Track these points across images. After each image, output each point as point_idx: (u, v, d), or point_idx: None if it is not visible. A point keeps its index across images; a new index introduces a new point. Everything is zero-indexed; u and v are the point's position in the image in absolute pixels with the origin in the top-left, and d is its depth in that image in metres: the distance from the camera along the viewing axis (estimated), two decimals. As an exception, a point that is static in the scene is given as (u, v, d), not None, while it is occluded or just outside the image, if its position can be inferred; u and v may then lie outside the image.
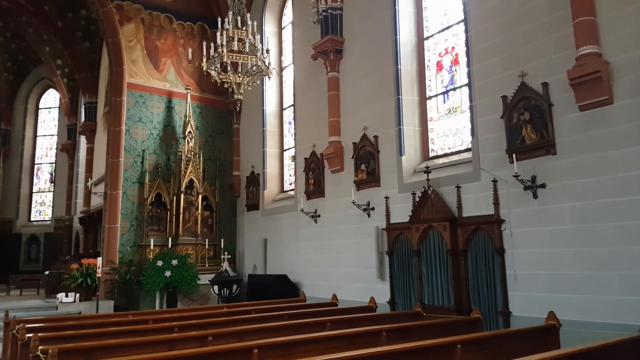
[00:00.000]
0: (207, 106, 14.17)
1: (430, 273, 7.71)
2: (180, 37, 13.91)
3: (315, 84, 11.01)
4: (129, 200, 12.54)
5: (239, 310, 7.63)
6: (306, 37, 11.33)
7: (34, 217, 21.25)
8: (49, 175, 21.57)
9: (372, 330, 5.21)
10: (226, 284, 11.48)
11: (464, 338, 4.75)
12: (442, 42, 8.93)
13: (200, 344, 5.11)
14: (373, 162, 9.22)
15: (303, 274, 11.00)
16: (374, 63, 9.51)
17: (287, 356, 4.54)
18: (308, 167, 11.09)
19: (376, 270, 8.87)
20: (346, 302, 8.39)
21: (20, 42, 20.04)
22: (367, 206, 9.22)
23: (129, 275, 11.73)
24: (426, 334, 5.36)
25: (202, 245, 12.97)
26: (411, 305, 7.91)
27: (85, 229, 17.13)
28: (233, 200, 14.16)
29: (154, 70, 13.36)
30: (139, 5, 13.34)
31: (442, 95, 8.82)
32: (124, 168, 12.55)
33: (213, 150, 14.07)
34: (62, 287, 12.04)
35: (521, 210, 6.74)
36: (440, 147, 8.74)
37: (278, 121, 13.38)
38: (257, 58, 7.90)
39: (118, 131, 12.62)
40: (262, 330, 5.59)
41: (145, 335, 5.61)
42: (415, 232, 7.90)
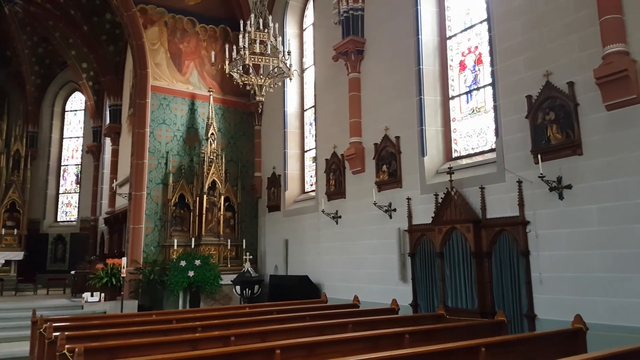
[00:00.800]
0: (229, 108, 14.30)
1: (453, 275, 7.62)
2: (202, 40, 14.07)
3: (336, 85, 11.00)
4: (153, 201, 12.73)
5: (261, 311, 7.66)
6: (327, 39, 11.34)
7: (61, 217, 21.60)
8: (74, 177, 21.94)
9: (395, 333, 5.18)
10: (248, 285, 11.55)
11: (489, 341, 4.69)
12: (465, 41, 8.83)
13: (223, 344, 5.14)
14: (394, 163, 9.16)
15: (324, 275, 10.99)
16: (395, 63, 9.46)
17: (310, 357, 4.54)
18: (329, 168, 11.09)
19: (398, 272, 8.82)
20: (368, 303, 8.36)
21: (47, 46, 20.46)
22: (388, 207, 9.17)
23: (153, 275, 11.90)
24: (450, 337, 5.31)
25: (225, 246, 13.08)
26: (434, 308, 7.84)
27: (110, 229, 17.42)
28: (254, 201, 14.25)
29: (177, 73, 13.54)
30: (162, 8, 13.53)
31: (465, 95, 8.73)
32: (148, 169, 12.75)
33: (235, 152, 14.19)
34: (87, 287, 12.28)
35: (547, 211, 6.62)
36: (463, 147, 8.64)
37: (299, 122, 13.42)
38: (279, 60, 7.94)
39: (142, 133, 12.82)
40: (284, 331, 5.60)
41: (169, 334, 5.67)
42: (438, 233, 7.82)
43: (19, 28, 19.40)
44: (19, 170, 19.65)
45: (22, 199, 19.34)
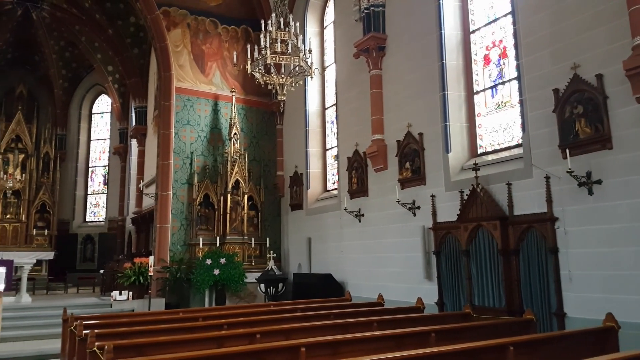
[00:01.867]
0: (252, 108, 14.39)
1: (480, 273, 7.51)
2: (225, 41, 14.18)
3: (358, 82, 10.95)
4: (178, 201, 12.91)
5: (286, 309, 7.69)
6: (348, 36, 11.30)
7: (89, 218, 22.08)
8: (102, 178, 22.40)
9: (421, 331, 5.13)
10: (272, 283, 11.62)
11: (517, 340, 4.62)
12: (489, 35, 8.69)
13: (249, 342, 5.18)
14: (418, 160, 9.07)
15: (348, 273, 10.97)
16: (418, 59, 9.36)
17: (335, 355, 4.53)
18: (351, 166, 11.05)
19: (423, 271, 8.73)
20: (392, 302, 8.30)
21: (73, 50, 20.92)
22: (412, 205, 9.09)
23: (180, 274, 12.06)
24: (476, 336, 5.23)
25: (249, 244, 13.18)
26: (460, 307, 7.74)
27: (137, 228, 17.74)
28: (277, 199, 14.32)
29: (200, 74, 13.68)
30: (184, 10, 13.68)
31: (490, 90, 8.58)
32: (173, 170, 12.93)
33: (257, 151, 14.27)
34: (116, 286, 12.53)
35: (576, 207, 6.46)
36: (489, 143, 8.50)
37: (320, 121, 13.42)
38: (300, 58, 7.94)
39: (167, 134, 13.01)
40: (308, 329, 5.61)
41: (195, 332, 5.73)
42: (463, 231, 7.71)
43: (46, 33, 19.91)
44: (49, 172, 20.20)
45: (52, 200, 19.88)
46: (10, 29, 19.42)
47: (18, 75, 20.92)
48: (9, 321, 9.70)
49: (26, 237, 19.03)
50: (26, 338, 9.70)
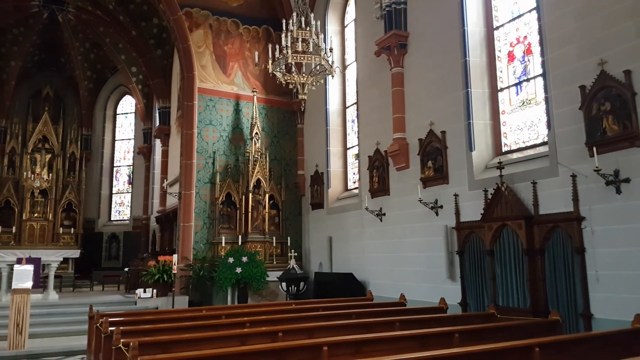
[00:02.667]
0: (273, 107, 14.45)
1: (504, 273, 7.40)
2: (246, 41, 14.27)
3: (379, 80, 10.90)
4: (201, 200, 13.06)
5: (307, 308, 7.70)
6: (369, 34, 11.25)
7: (114, 217, 22.47)
8: (127, 177, 22.77)
9: (444, 332, 5.09)
10: (294, 281, 11.66)
11: (543, 341, 4.54)
12: (513, 31, 8.55)
13: (271, 340, 5.20)
14: (440, 159, 8.97)
15: (369, 273, 10.93)
16: (440, 56, 9.26)
17: (357, 354, 4.52)
18: (372, 165, 11.00)
19: (446, 271, 8.64)
20: (414, 302, 8.24)
21: (98, 52, 21.32)
22: (434, 204, 9.00)
23: (203, 272, 12.20)
24: (501, 336, 5.16)
25: (270, 243, 13.25)
26: (484, 307, 7.64)
27: (161, 227, 17.99)
28: (298, 198, 14.35)
29: (222, 75, 13.80)
30: (206, 11, 13.81)
31: (514, 87, 8.44)
32: (196, 169, 13.08)
33: (278, 150, 14.33)
34: (140, 283, 12.73)
35: (603, 206, 6.31)
36: (513, 141, 8.36)
37: (341, 120, 13.40)
38: (321, 57, 7.93)
39: (190, 134, 13.16)
40: (330, 328, 5.61)
41: (219, 329, 5.77)
42: (487, 230, 7.61)
43: (72, 35, 20.34)
44: (75, 172, 20.66)
45: (77, 199, 20.32)
46: (37, 31, 19.92)
47: (45, 77, 21.40)
48: (37, 318, 9.95)
49: (53, 235, 19.49)
50: (54, 334, 9.93)
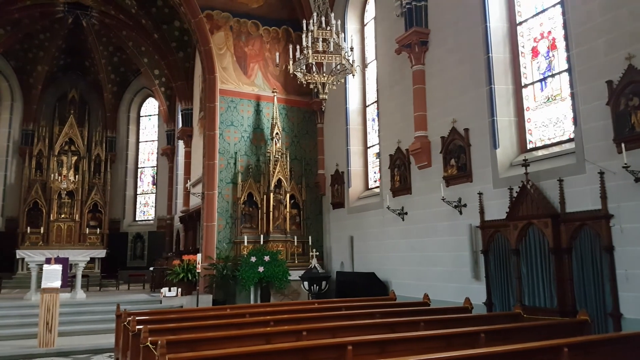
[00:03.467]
0: (293, 107, 14.51)
1: (530, 273, 7.29)
2: (266, 42, 14.35)
3: (400, 78, 10.83)
4: (224, 200, 13.19)
5: (330, 307, 7.70)
6: (389, 32, 11.19)
7: (139, 217, 22.82)
8: (151, 178, 23.11)
9: (470, 332, 5.02)
10: (316, 281, 11.69)
11: (572, 341, 4.45)
12: (537, 26, 8.40)
13: (296, 339, 5.21)
14: (464, 157, 8.87)
15: (391, 272, 10.87)
16: (462, 53, 9.16)
17: (382, 354, 4.49)
18: (393, 164, 10.95)
19: (470, 270, 8.55)
20: (438, 302, 8.16)
21: (121, 55, 21.71)
22: (458, 203, 8.90)
23: (226, 271, 12.33)
24: (528, 337, 5.08)
25: (291, 242, 13.31)
26: (509, 307, 7.54)
27: (185, 227, 18.22)
28: (319, 198, 14.37)
29: (243, 76, 13.92)
30: (227, 13, 13.94)
31: (539, 83, 8.29)
32: (218, 169, 13.22)
33: (299, 150, 14.38)
34: (165, 282, 12.93)
35: (632, 204, 6.16)
36: (539, 138, 8.21)
37: (361, 118, 13.37)
38: (342, 57, 7.92)
39: (213, 135, 13.31)
40: (354, 327, 5.59)
41: (243, 328, 5.81)
42: (513, 229, 7.49)
43: (95, 39, 20.75)
44: (100, 173, 21.09)
45: (103, 200, 20.73)
46: (62, 36, 20.39)
47: (70, 81, 21.87)
48: (65, 316, 10.18)
49: (79, 235, 19.93)
50: (82, 332, 10.18)
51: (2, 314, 10.66)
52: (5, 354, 8.54)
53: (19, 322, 10.31)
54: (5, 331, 9.83)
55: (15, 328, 10.03)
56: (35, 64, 20.86)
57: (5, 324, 10.18)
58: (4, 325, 10.14)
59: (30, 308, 10.76)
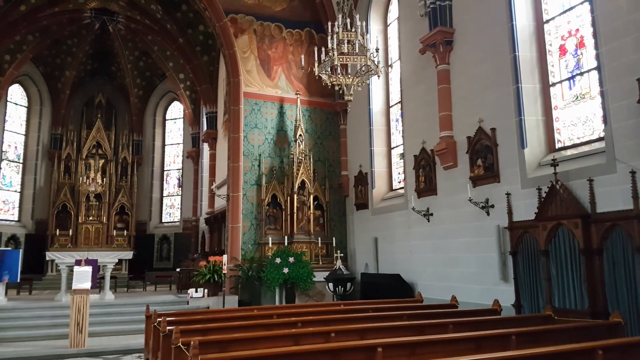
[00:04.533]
0: (316, 109, 14.56)
1: (560, 274, 7.16)
2: (289, 45, 14.44)
3: (424, 78, 10.77)
4: (248, 202, 13.31)
5: (357, 309, 7.69)
6: (413, 32, 11.14)
7: (165, 219, 23.15)
8: (176, 180, 23.43)
9: (501, 334, 4.97)
10: (341, 282, 11.69)
11: (606, 344, 4.37)
12: (565, 24, 8.26)
13: (324, 340, 5.22)
14: (491, 157, 8.76)
15: (417, 274, 10.81)
16: (488, 52, 9.06)
17: (412, 356, 4.49)
18: (418, 165, 10.89)
19: (498, 272, 8.44)
20: (465, 304, 8.07)
21: (147, 60, 22.09)
22: (485, 203, 8.80)
23: (251, 272, 12.43)
24: (559, 339, 5.01)
25: (315, 244, 13.35)
26: (539, 309, 7.42)
27: (210, 228, 18.44)
28: (342, 199, 14.38)
29: (266, 79, 14.04)
30: (251, 16, 14.09)
31: (567, 81, 8.15)
32: (243, 171, 13.35)
33: (322, 152, 14.42)
34: (191, 283, 13.09)
35: (667, 204, 6.01)
36: (567, 137, 8.06)
37: (385, 119, 13.33)
38: (367, 58, 7.92)
39: (237, 137, 13.45)
40: (382, 329, 5.58)
41: (272, 329, 5.84)
42: (542, 230, 7.37)
43: (122, 44, 21.17)
44: (127, 176, 21.50)
45: (130, 203, 21.12)
46: (89, 42, 20.88)
47: (97, 86, 22.35)
48: (95, 317, 10.35)
49: (107, 237, 20.35)
50: (111, 333, 10.35)
51: (35, 315, 10.92)
52: (38, 354, 8.74)
53: (51, 322, 10.53)
54: (38, 331, 10.06)
55: (47, 329, 10.24)
56: (63, 69, 21.38)
57: (37, 324, 10.42)
58: (36, 325, 10.38)
59: (61, 309, 11.00)
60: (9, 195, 20.32)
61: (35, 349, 9.00)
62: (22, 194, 20.67)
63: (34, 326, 10.34)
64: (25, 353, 8.71)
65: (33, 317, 10.80)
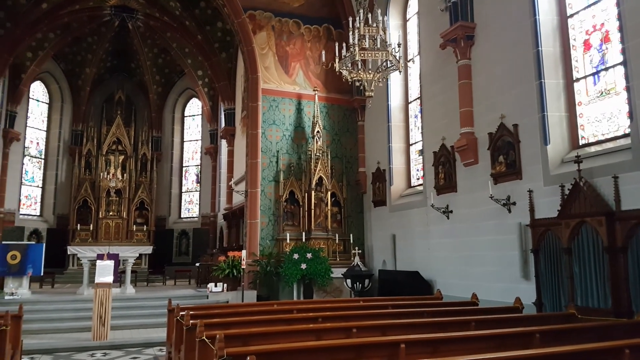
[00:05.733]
0: (333, 105, 14.55)
1: (583, 272, 7.06)
2: (307, 41, 14.44)
3: (444, 74, 10.68)
4: (266, 198, 13.38)
5: (376, 305, 7.67)
6: (433, 26, 11.05)
7: (184, 214, 23.36)
8: (195, 177, 23.62)
9: (524, 332, 4.92)
10: (359, 278, 11.70)
11: (634, 342, 4.28)
12: (589, 18, 8.11)
13: (345, 335, 5.22)
14: (513, 153, 8.65)
15: (436, 272, 10.75)
16: (510, 46, 8.94)
17: (435, 354, 4.46)
18: (437, 161, 10.81)
19: (520, 270, 8.35)
20: (486, 302, 7.97)
21: (165, 57, 22.27)
22: (507, 201, 8.70)
23: (269, 267, 12.51)
24: (583, 338, 4.93)
25: (333, 240, 13.37)
26: (560, 307, 7.33)
27: (228, 224, 18.58)
28: (360, 196, 14.36)
29: (284, 75, 14.06)
30: (269, 13, 14.12)
31: (592, 77, 8.00)
32: (261, 168, 13.42)
33: (339, 148, 14.42)
34: (211, 278, 13.22)
35: (696, 202, 5.88)
36: (591, 133, 7.93)
37: (403, 115, 13.25)
38: (389, 53, 7.88)
39: (255, 134, 13.51)
40: (403, 326, 5.55)
41: (292, 324, 5.85)
42: (565, 228, 7.26)
43: (141, 42, 21.38)
44: (146, 172, 21.74)
45: (149, 198, 21.37)
46: (109, 39, 21.13)
47: (117, 82, 22.59)
48: (117, 311, 10.52)
49: (127, 232, 20.63)
50: (133, 326, 10.49)
51: (59, 308, 11.14)
52: (62, 346, 8.91)
53: (74, 315, 10.73)
54: (61, 324, 10.26)
55: (70, 321, 10.44)
56: (83, 66, 21.69)
57: (61, 317, 10.63)
58: (60, 318, 10.58)
59: (83, 302, 11.21)
60: (32, 191, 20.72)
61: (59, 341, 9.17)
62: (44, 189, 21.06)
63: (57, 319, 10.54)
64: (50, 345, 8.89)
65: (56, 310, 11.02)
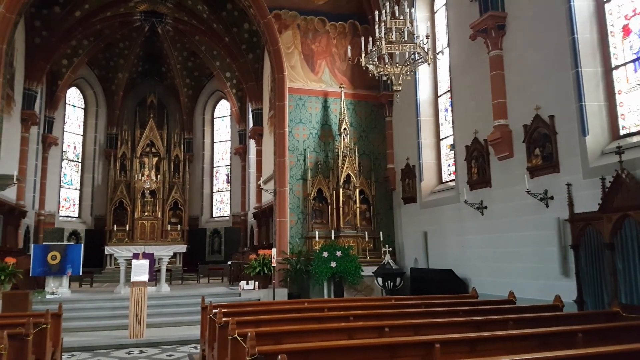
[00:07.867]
0: (360, 102, 14.41)
1: (627, 268, 6.73)
2: (333, 38, 14.35)
3: (475, 65, 10.40)
4: (295, 196, 13.37)
5: (408, 304, 7.52)
6: (462, 17, 10.78)
7: (215, 213, 23.69)
8: (225, 177, 23.89)
9: (565, 331, 4.71)
10: (390, 277, 11.54)
11: (686, 343, 4.04)
12: (628, 3, 7.74)
13: (378, 335, 5.12)
14: (549, 146, 8.33)
15: (471, 269, 10.49)
16: (543, 35, 8.62)
17: (472, 353, 4.32)
18: (470, 155, 10.54)
19: (559, 266, 8.04)
20: (523, 300, 7.72)
21: (195, 60, 22.60)
22: (544, 195, 8.39)
23: (299, 265, 12.49)
24: (629, 337, 4.70)
25: (362, 238, 13.24)
26: (603, 305, 7.02)
27: (258, 222, 18.72)
28: (389, 193, 14.18)
29: (310, 73, 14.01)
30: (294, 12, 14.09)
31: (632, 64, 7.63)
32: (289, 166, 13.42)
33: (367, 145, 14.28)
34: (242, 276, 13.32)
35: None
36: (633, 123, 7.56)
37: (433, 109, 12.98)
38: (417, 45, 7.70)
39: (282, 133, 13.52)
40: (437, 325, 5.41)
41: (324, 322, 5.79)
42: (606, 222, 6.94)
43: (170, 46, 21.75)
44: (179, 173, 22.14)
45: (183, 198, 21.74)
46: (140, 44, 21.57)
47: (149, 86, 23.09)
48: (152, 309, 10.69)
49: (162, 232, 21.03)
50: (168, 324, 10.67)
51: (97, 306, 11.42)
52: (100, 343, 9.12)
53: (111, 314, 10.99)
54: (99, 322, 10.52)
55: (107, 319, 10.70)
56: (116, 71, 22.23)
57: (99, 316, 10.91)
58: (98, 316, 10.87)
59: (120, 301, 11.46)
60: (70, 193, 21.39)
61: (97, 339, 9.38)
62: (81, 192, 21.74)
63: (95, 317, 10.82)
64: (88, 343, 9.10)
65: (94, 309, 11.30)
